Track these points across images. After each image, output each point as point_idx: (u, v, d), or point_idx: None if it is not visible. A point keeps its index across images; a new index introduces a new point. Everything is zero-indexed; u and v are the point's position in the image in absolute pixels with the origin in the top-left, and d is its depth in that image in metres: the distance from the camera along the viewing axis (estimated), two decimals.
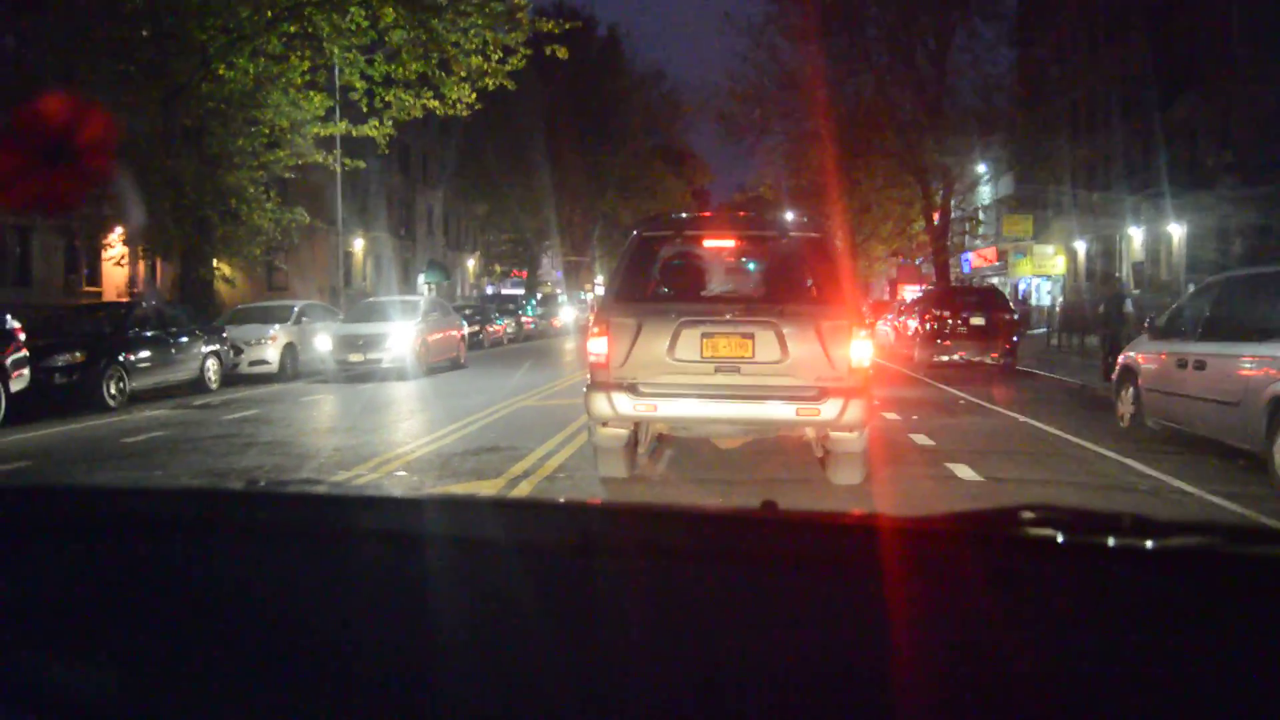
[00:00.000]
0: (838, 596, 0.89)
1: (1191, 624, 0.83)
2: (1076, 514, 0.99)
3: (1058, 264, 39.72)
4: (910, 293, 37.48)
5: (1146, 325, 11.08)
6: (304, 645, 0.85)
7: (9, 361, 12.19)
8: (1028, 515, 0.97)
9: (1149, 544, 0.91)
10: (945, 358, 19.96)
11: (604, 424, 7.28)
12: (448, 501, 1.08)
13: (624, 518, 1.13)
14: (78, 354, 13.97)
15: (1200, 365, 8.86)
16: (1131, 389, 10.56)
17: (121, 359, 14.65)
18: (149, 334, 15.80)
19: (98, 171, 1.23)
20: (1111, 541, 0.92)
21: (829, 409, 6.89)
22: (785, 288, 7.69)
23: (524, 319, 36.51)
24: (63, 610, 0.92)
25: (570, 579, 0.94)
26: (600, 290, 60.46)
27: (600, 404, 7.13)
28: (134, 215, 21.37)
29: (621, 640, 0.86)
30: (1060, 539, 0.93)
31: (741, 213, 9.05)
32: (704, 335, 7.02)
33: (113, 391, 14.23)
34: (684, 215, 8.63)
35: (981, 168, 38.55)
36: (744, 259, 8.65)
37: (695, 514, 1.09)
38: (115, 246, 25.43)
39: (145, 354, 15.37)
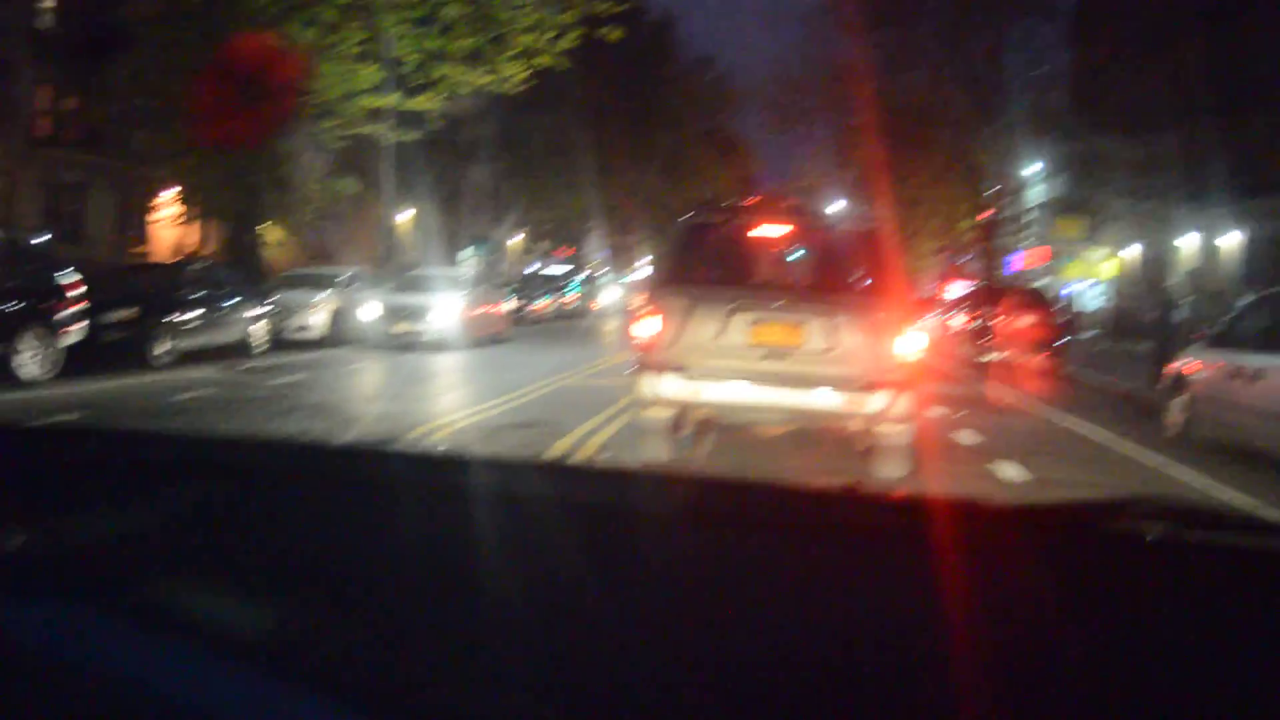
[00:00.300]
0: (890, 570, 0.89)
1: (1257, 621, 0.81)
2: (1173, 509, 0.97)
3: (1108, 268, 39.21)
4: (955, 290, 37.21)
5: (1199, 334, 10.91)
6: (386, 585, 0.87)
7: (63, 315, 12.38)
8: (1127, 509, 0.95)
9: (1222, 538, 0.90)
10: (990, 357, 19.78)
11: (649, 405, 7.26)
12: (504, 464, 1.10)
13: (678, 486, 1.14)
14: (129, 311, 14.15)
15: (1257, 376, 8.70)
16: (1182, 397, 10.40)
17: (171, 318, 14.83)
18: (199, 295, 15.97)
19: (286, 111, 1.24)
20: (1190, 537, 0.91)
21: (876, 401, 6.83)
22: (836, 277, 7.64)
23: (566, 298, 36.59)
24: (182, 543, 0.94)
25: (625, 542, 0.95)
26: (643, 273, 60.57)
27: (646, 385, 7.12)
28: (187, 178, 21.69)
29: (672, 604, 0.86)
30: (1149, 537, 0.91)
31: (793, 201, 9.02)
32: (754, 321, 6.98)
33: (162, 350, 14.41)
34: (737, 201, 8.63)
35: (1033, 168, 38.14)
36: (796, 247, 8.55)
37: (744, 484, 1.09)
38: (167, 207, 25.81)
39: (194, 315, 15.54)
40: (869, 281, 7.44)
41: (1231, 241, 30.99)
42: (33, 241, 12.98)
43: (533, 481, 1.06)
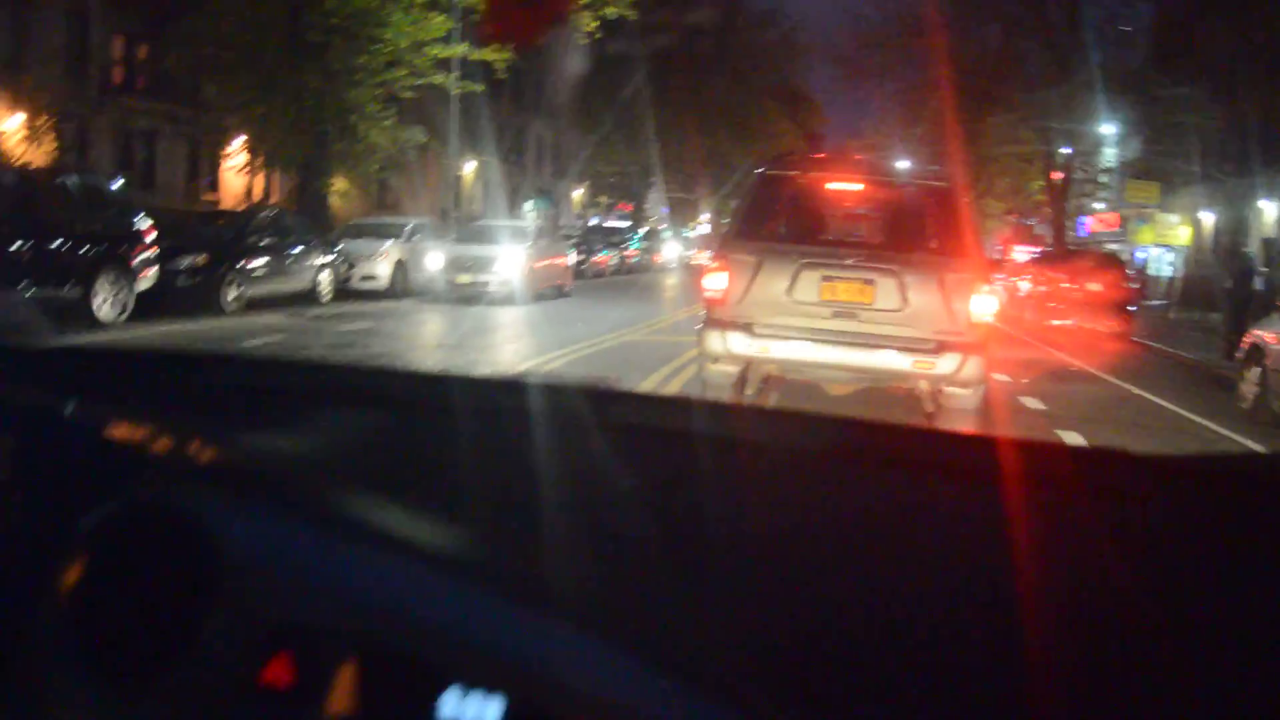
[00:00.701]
0: (962, 504, 0.88)
1: None
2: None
3: (1182, 234, 38.21)
4: (1022, 253, 36.56)
5: (1279, 303, 10.63)
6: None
7: (138, 260, 12.65)
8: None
9: None
10: (1058, 322, 19.45)
11: (715, 361, 7.19)
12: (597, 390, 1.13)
13: (753, 417, 1.15)
14: (200, 257, 14.40)
15: None
16: (1258, 369, 10.15)
17: (241, 265, 15.08)
18: (267, 243, 16.19)
19: (561, 11, 1.29)
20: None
21: (946, 363, 6.72)
22: (909, 236, 7.50)
23: (627, 252, 36.54)
24: (359, 464, 0.99)
25: (693, 468, 0.97)
26: (705, 228, 60.27)
27: (714, 341, 7.05)
28: (256, 126, 21.93)
29: (736, 529, 0.88)
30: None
31: (866, 157, 8.86)
32: (824, 278, 6.87)
33: (231, 296, 14.67)
34: (811, 155, 8.51)
35: (1109, 129, 37.17)
36: (869, 204, 8.42)
37: (812, 417, 1.10)
38: (236, 156, 26.14)
39: (262, 262, 15.78)
40: (941, 240, 7.29)
41: None
42: (112, 186, 13.22)
43: (615, 408, 1.10)
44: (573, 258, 23.34)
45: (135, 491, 0.82)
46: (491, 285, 18.53)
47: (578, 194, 58.57)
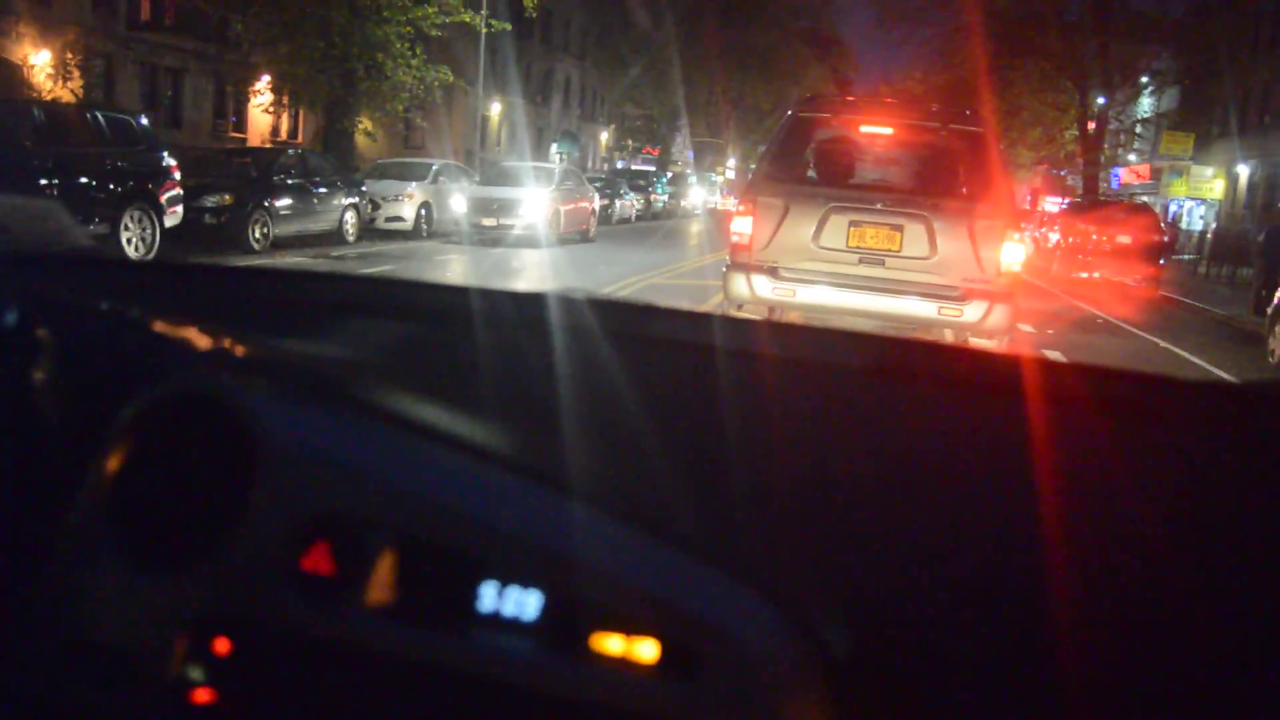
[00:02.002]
0: (980, 417, 0.88)
1: None
2: None
3: (1215, 187, 37.66)
4: (1052, 204, 36.12)
5: None
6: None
7: (165, 197, 12.68)
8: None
9: None
10: (1086, 274, 19.25)
11: (739, 305, 7.16)
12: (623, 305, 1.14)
13: (772, 330, 1.16)
14: (226, 196, 14.40)
15: None
16: None
17: (267, 204, 15.08)
18: (293, 182, 16.17)
19: None
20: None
21: (972, 311, 6.69)
22: (939, 182, 7.39)
23: (653, 197, 36.32)
24: (413, 371, 1.02)
25: (742, 386, 0.97)
26: (731, 173, 59.79)
27: (739, 284, 7.02)
28: (283, 64, 21.84)
29: (790, 443, 0.88)
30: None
31: (897, 100, 8.68)
32: (851, 224, 6.82)
33: (257, 235, 14.70)
34: (842, 98, 8.35)
35: (1145, 78, 36.52)
36: (899, 148, 8.29)
37: (835, 332, 1.10)
38: (263, 94, 26.06)
39: (288, 201, 15.76)
40: (971, 187, 7.21)
41: None
42: (139, 123, 13.21)
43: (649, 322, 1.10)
44: (597, 202, 23.18)
45: (176, 382, 0.83)
46: (516, 228, 18.46)
47: (604, 137, 58.15)
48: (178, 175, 13.08)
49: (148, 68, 28.37)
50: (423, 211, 19.41)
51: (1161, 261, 19.49)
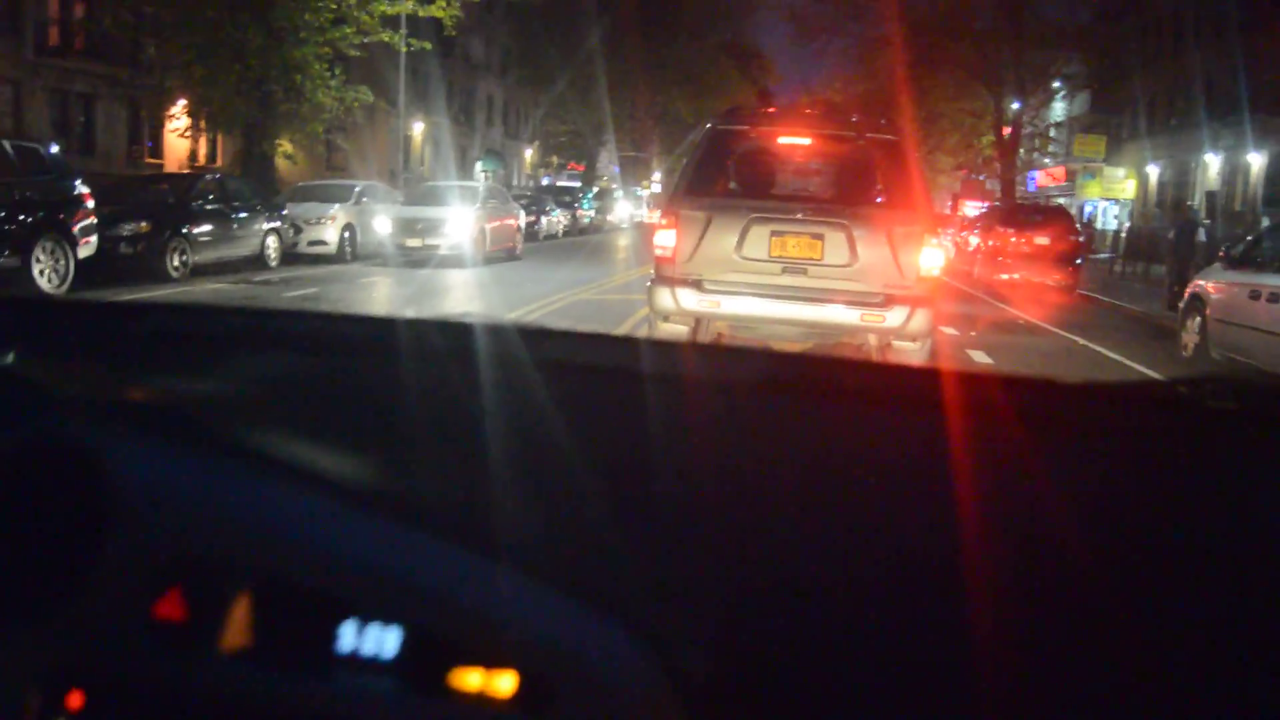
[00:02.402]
0: (933, 440, 0.88)
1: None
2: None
3: (1128, 188, 38.70)
4: (972, 208, 36.82)
5: (1221, 254, 10.81)
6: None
7: (78, 227, 12.36)
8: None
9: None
10: (1006, 276, 19.65)
11: (665, 318, 7.17)
12: (547, 332, 1.12)
13: (686, 352, 1.16)
14: (143, 224, 14.08)
15: (1275, 298, 8.65)
16: (1198, 318, 10.33)
17: (185, 231, 14.78)
18: (212, 208, 15.87)
19: None
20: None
21: (894, 317, 6.77)
22: (858, 190, 7.53)
23: (580, 212, 36.33)
24: (282, 405, 0.98)
25: (626, 404, 0.97)
26: (657, 187, 60.04)
27: (663, 298, 7.03)
28: (199, 87, 21.47)
29: (673, 461, 0.88)
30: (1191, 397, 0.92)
31: (816, 111, 8.86)
32: (773, 233, 6.86)
33: (175, 263, 14.40)
34: (761, 110, 8.42)
35: (1056, 83, 37.45)
36: (818, 158, 8.37)
37: (754, 352, 1.10)
38: (179, 118, 25.58)
39: (208, 227, 15.46)
40: (890, 194, 7.31)
41: (1254, 162, 30.48)
42: (50, 151, 12.88)
43: (572, 348, 1.09)
44: (524, 219, 23.12)
45: (30, 427, 0.80)
46: (441, 248, 18.33)
47: (529, 154, 58.06)
48: (91, 204, 12.75)
49: (58, 94, 27.65)
50: (346, 234, 19.14)
51: (1078, 261, 19.97)
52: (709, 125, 7.76)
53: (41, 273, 11.68)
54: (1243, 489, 0.83)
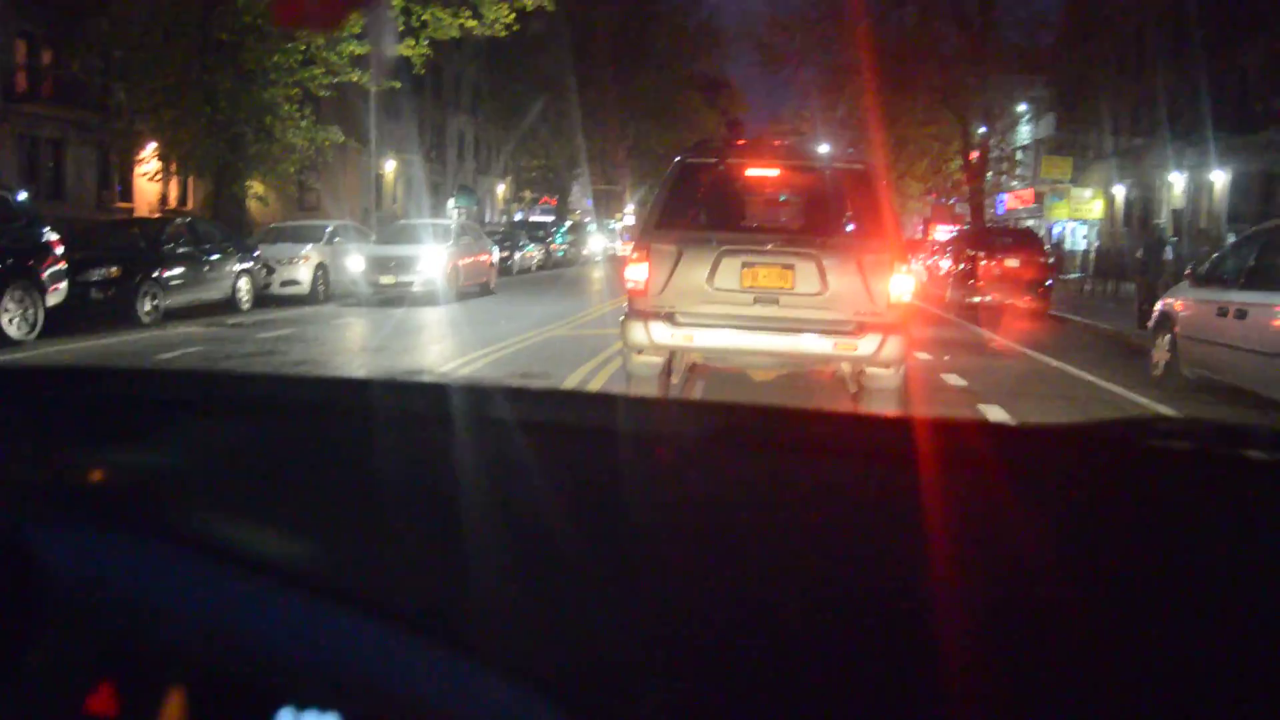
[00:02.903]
0: (899, 490, 0.87)
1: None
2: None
3: (1095, 208, 39.12)
4: (943, 232, 37.12)
5: (1188, 272, 10.92)
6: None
7: (46, 275, 12.28)
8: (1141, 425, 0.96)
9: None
10: (978, 299, 19.80)
11: (639, 352, 7.19)
12: (500, 389, 1.11)
13: (656, 409, 1.14)
14: (113, 269, 14.01)
15: (1242, 314, 8.73)
16: (1168, 336, 10.43)
17: (156, 275, 14.71)
18: (183, 251, 15.83)
19: None
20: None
21: (866, 344, 6.81)
22: (827, 220, 7.57)
23: (553, 246, 36.40)
24: (228, 479, 0.96)
25: (594, 464, 0.95)
26: (630, 219, 60.30)
27: (637, 332, 7.04)
28: (169, 130, 21.42)
29: (640, 521, 0.86)
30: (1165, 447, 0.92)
31: (784, 142, 9.03)
32: (744, 265, 6.90)
33: (147, 308, 14.32)
34: (728, 143, 8.52)
35: (1022, 107, 37.91)
36: (787, 189, 8.48)
37: (721, 406, 1.09)
38: (149, 162, 25.52)
39: (179, 271, 15.41)
40: (859, 223, 7.39)
41: (1218, 180, 30.93)
42: (17, 198, 12.80)
43: (535, 407, 1.07)
44: (497, 255, 23.18)
45: None
46: (414, 285, 18.35)
47: (501, 189, 58.20)
48: (60, 250, 12.67)
49: (26, 139, 27.56)
50: (319, 274, 19.13)
51: (1049, 282, 20.16)
52: (677, 159, 7.78)
53: (10, 321, 11.58)
54: (1185, 531, 0.83)
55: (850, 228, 7.43)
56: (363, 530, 0.85)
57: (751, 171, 7.90)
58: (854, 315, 6.84)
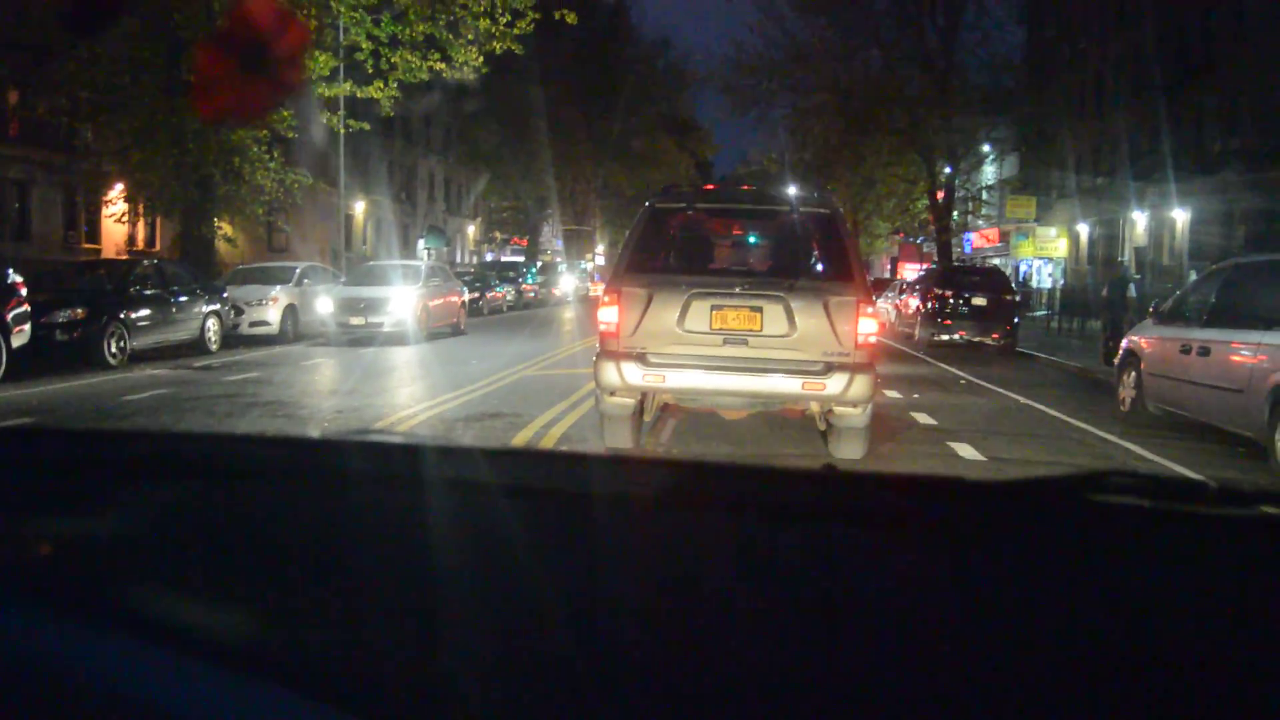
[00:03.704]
0: (866, 549, 0.89)
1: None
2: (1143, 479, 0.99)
3: (1060, 246, 39.69)
4: (911, 271, 37.43)
5: (1151, 310, 11.07)
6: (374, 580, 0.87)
7: (10, 316, 12.13)
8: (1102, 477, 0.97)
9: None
10: (946, 337, 19.95)
11: (612, 393, 7.28)
12: (474, 452, 1.10)
13: (626, 467, 1.14)
14: (79, 310, 13.87)
15: (1204, 351, 8.86)
16: (1134, 373, 10.55)
17: (122, 317, 14.57)
18: (150, 292, 15.71)
19: (290, 83, 1.24)
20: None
21: (834, 384, 6.94)
22: (794, 262, 7.83)
23: (524, 287, 36.42)
24: (153, 545, 0.94)
25: (575, 525, 0.94)
26: (601, 259, 60.49)
27: (609, 373, 7.13)
28: (136, 171, 21.30)
29: (618, 583, 0.86)
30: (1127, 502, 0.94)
31: (751, 187, 9.32)
32: (713, 307, 7.05)
33: (113, 350, 14.17)
34: (697, 188, 8.72)
35: (986, 147, 38.45)
36: (754, 233, 8.70)
37: (694, 464, 1.10)
38: (116, 203, 25.35)
39: (146, 312, 15.28)
40: (825, 265, 7.59)
41: (1179, 218, 31.44)
42: None
43: (501, 468, 1.06)
44: (467, 295, 23.18)
45: None
46: (385, 326, 18.33)
47: (471, 230, 58.24)
48: (24, 292, 12.54)
49: None
50: (288, 315, 19.03)
51: (1016, 320, 20.36)
52: (647, 204, 7.92)
53: None
54: (1128, 581, 0.85)
55: (816, 270, 7.64)
56: (297, 599, 0.83)
57: (719, 216, 8.13)
58: (821, 355, 6.99)
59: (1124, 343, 11.32)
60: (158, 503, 1.02)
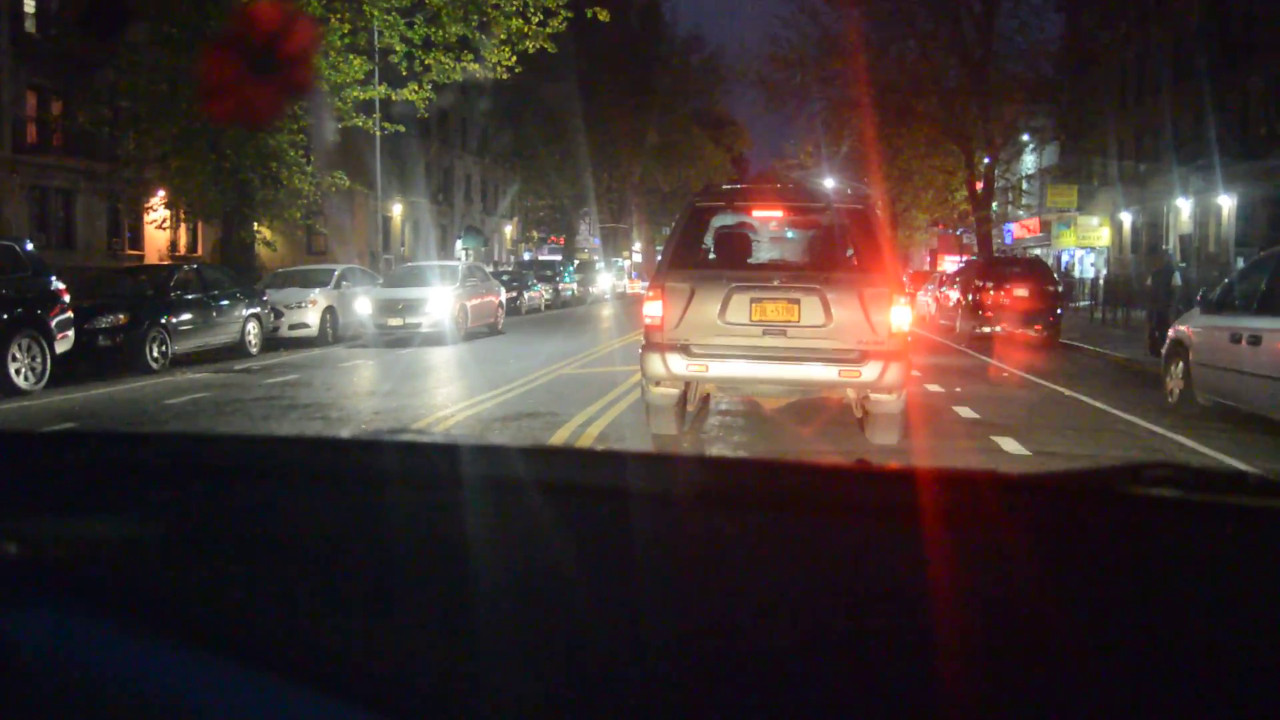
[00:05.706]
0: (900, 544, 0.88)
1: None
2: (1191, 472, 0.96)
3: (1102, 235, 39.18)
4: (951, 263, 37.12)
5: (1198, 298, 10.85)
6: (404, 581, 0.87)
7: (54, 323, 12.31)
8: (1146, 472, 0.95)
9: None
10: (987, 329, 19.74)
11: (657, 383, 7.59)
12: (500, 449, 1.09)
13: (663, 464, 1.14)
14: (121, 316, 14.06)
15: (1255, 340, 8.66)
16: (1181, 364, 10.35)
17: (164, 321, 14.75)
18: (191, 297, 15.90)
19: (299, 84, 1.24)
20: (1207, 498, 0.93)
21: (869, 371, 7.20)
22: (830, 256, 8.13)
23: (561, 286, 36.53)
24: (184, 546, 0.94)
25: (612, 522, 0.94)
26: (638, 257, 60.60)
27: (655, 364, 7.44)
28: (176, 178, 21.61)
29: (657, 582, 0.86)
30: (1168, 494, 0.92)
31: (788, 184, 9.89)
32: (753, 300, 7.34)
33: (155, 354, 14.34)
34: (735, 186, 9.18)
35: (1025, 136, 38.04)
36: (791, 228, 9.11)
37: (734, 462, 1.08)
38: (157, 210, 25.73)
39: (187, 317, 15.47)
40: (861, 259, 7.85)
41: (1225, 205, 30.91)
42: (25, 247, 12.87)
43: (537, 466, 1.05)
44: (504, 295, 23.30)
45: None
46: (423, 327, 18.46)
47: (508, 230, 58.50)
48: (68, 299, 12.73)
49: (37, 190, 27.84)
50: (327, 317, 19.21)
51: (1058, 310, 20.10)
52: (688, 203, 8.27)
53: (18, 371, 11.59)
54: (1170, 575, 0.83)
55: (851, 263, 7.93)
56: (328, 601, 0.82)
57: (758, 212, 8.42)
58: (856, 344, 7.27)
59: (1170, 333, 11.11)
60: (198, 505, 1.03)
